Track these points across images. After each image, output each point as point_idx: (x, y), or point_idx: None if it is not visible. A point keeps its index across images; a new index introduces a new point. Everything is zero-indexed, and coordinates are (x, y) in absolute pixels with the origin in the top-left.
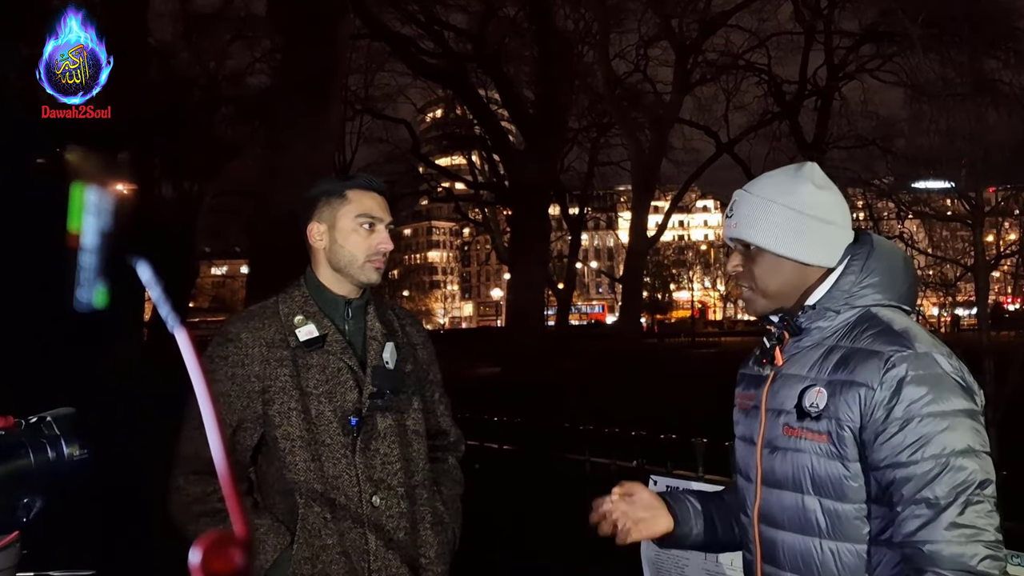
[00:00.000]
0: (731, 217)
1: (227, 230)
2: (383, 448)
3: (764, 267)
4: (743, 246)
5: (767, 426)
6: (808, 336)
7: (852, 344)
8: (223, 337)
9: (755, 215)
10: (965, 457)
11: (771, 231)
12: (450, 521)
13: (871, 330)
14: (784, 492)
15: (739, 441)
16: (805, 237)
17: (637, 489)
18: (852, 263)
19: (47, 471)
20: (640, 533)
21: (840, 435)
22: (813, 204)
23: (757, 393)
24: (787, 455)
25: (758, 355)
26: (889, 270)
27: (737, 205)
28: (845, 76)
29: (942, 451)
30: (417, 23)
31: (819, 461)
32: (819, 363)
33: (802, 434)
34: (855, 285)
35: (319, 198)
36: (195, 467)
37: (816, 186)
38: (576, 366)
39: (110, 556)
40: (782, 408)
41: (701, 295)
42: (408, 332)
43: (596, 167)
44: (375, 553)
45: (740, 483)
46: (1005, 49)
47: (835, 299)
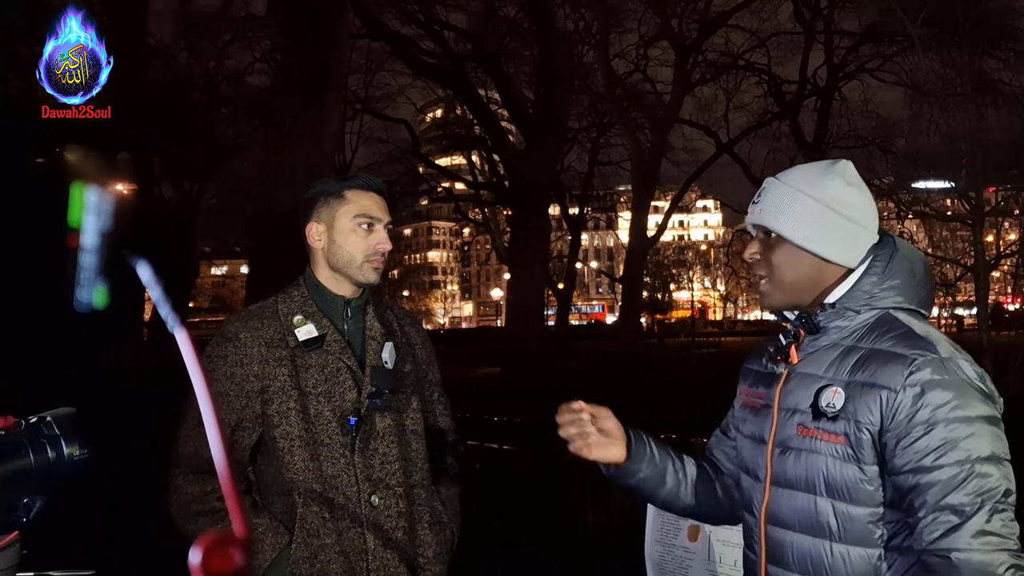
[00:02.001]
0: (757, 203)
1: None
2: (381, 448)
3: (782, 257)
4: (764, 233)
5: (779, 425)
6: (825, 335)
7: (872, 345)
8: (222, 337)
9: (781, 203)
10: (990, 464)
11: (795, 221)
12: (448, 521)
13: (892, 332)
14: (796, 493)
15: (745, 440)
16: (828, 232)
17: (604, 414)
18: (875, 263)
19: (47, 471)
20: (591, 453)
21: (858, 437)
22: (841, 200)
23: (768, 392)
24: (801, 455)
25: (772, 352)
26: (910, 273)
27: (765, 191)
28: (845, 76)
29: (967, 457)
30: (417, 23)
31: (834, 463)
32: (837, 363)
33: (817, 435)
34: (877, 286)
35: (317, 198)
36: (194, 466)
37: (847, 183)
38: (576, 366)
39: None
40: (796, 407)
41: (701, 295)
42: (407, 332)
43: (596, 167)
44: (373, 552)
45: (745, 482)
46: (1005, 49)
47: (856, 299)
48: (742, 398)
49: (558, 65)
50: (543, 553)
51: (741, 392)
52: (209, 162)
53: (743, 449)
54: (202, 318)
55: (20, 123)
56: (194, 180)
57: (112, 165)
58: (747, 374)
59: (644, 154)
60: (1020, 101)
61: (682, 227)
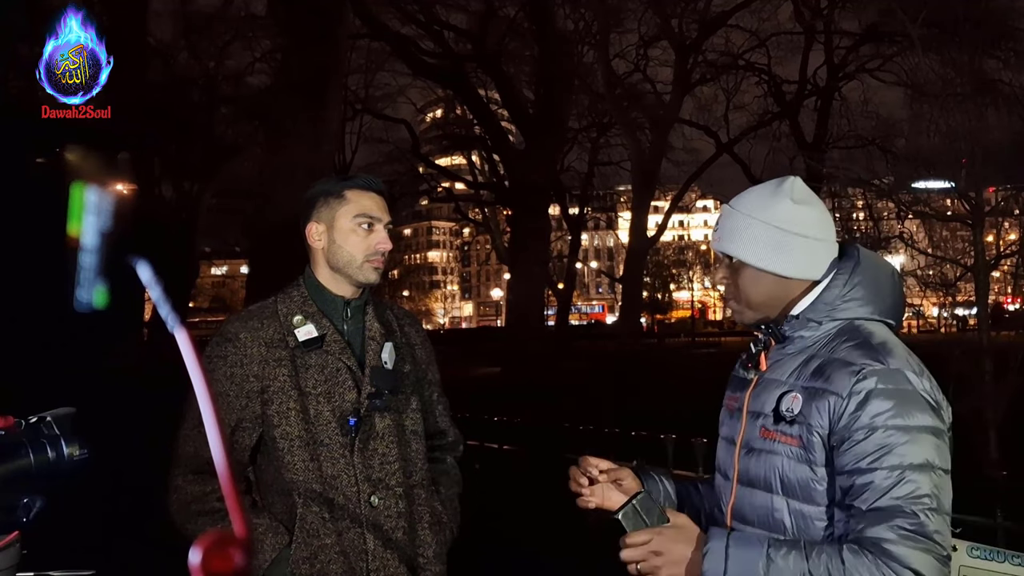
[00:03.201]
0: (716, 230)
1: (227, 230)
2: (381, 448)
3: (746, 280)
4: (728, 258)
5: (746, 428)
6: (791, 344)
7: (830, 354)
8: (222, 337)
9: (736, 230)
10: (922, 472)
11: (750, 245)
12: (448, 521)
13: (849, 342)
14: (756, 491)
15: (721, 441)
16: (783, 252)
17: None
18: (837, 276)
19: (47, 471)
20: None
21: (810, 439)
22: (791, 220)
23: (741, 396)
24: (761, 456)
25: (744, 359)
26: (874, 284)
27: (722, 219)
28: (845, 76)
29: (900, 463)
30: (417, 23)
31: (789, 464)
32: (798, 370)
33: (776, 437)
34: (839, 298)
35: (317, 198)
36: (194, 467)
37: (795, 202)
38: (576, 366)
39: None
40: (761, 411)
41: (701, 295)
42: (407, 332)
43: (596, 167)
44: (373, 553)
45: (718, 481)
46: (1005, 49)
47: (818, 311)
48: (724, 403)
49: (558, 65)
50: (543, 553)
51: (725, 398)
52: (209, 162)
53: (719, 451)
54: (202, 318)
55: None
56: (194, 180)
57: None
58: (731, 380)
59: (644, 154)
60: (1020, 101)
61: (682, 227)
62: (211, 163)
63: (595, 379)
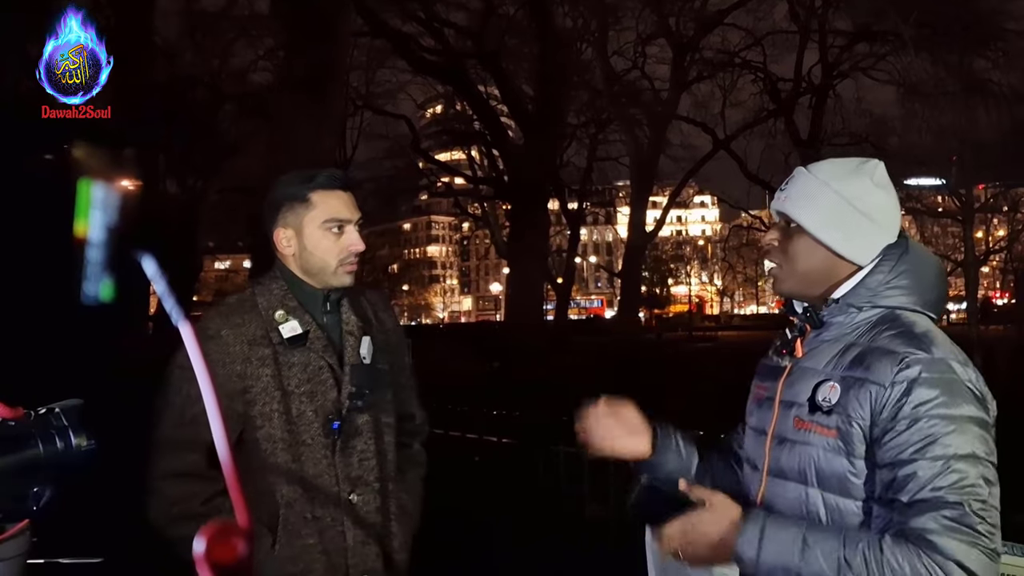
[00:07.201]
0: (784, 191)
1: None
2: (360, 445)
3: (799, 247)
4: (785, 221)
5: (779, 418)
6: (828, 331)
7: (870, 343)
8: (203, 334)
9: (807, 194)
10: (968, 462)
11: (815, 213)
12: (412, 510)
13: (891, 330)
14: (788, 483)
15: (750, 431)
16: (845, 228)
17: (623, 407)
18: (883, 262)
19: (56, 461)
20: (615, 447)
21: (848, 431)
22: (865, 199)
23: (773, 384)
24: (795, 447)
25: (778, 346)
26: (919, 274)
27: (793, 181)
28: (839, 74)
29: (945, 453)
30: (418, 21)
31: (825, 456)
32: (836, 359)
33: (812, 427)
34: (882, 284)
35: (282, 203)
36: (175, 468)
37: (874, 183)
38: (575, 360)
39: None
40: (795, 400)
41: (699, 290)
42: (381, 318)
43: (595, 163)
44: (352, 549)
45: (746, 472)
46: (994, 49)
47: (860, 296)
48: (753, 391)
49: (557, 62)
50: (541, 545)
51: (753, 386)
52: (213, 159)
53: (748, 441)
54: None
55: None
56: (198, 176)
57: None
58: (760, 368)
59: (642, 150)
60: (1009, 100)
61: (680, 222)
62: (215, 160)
63: (594, 373)
